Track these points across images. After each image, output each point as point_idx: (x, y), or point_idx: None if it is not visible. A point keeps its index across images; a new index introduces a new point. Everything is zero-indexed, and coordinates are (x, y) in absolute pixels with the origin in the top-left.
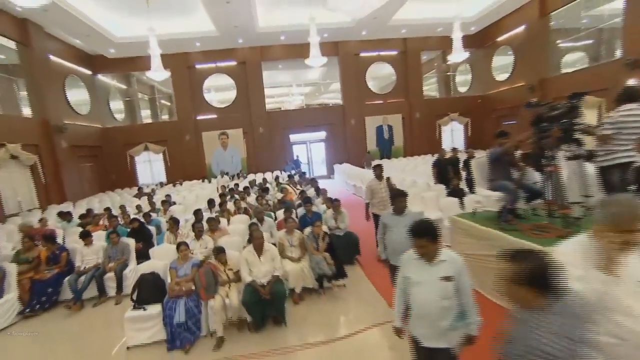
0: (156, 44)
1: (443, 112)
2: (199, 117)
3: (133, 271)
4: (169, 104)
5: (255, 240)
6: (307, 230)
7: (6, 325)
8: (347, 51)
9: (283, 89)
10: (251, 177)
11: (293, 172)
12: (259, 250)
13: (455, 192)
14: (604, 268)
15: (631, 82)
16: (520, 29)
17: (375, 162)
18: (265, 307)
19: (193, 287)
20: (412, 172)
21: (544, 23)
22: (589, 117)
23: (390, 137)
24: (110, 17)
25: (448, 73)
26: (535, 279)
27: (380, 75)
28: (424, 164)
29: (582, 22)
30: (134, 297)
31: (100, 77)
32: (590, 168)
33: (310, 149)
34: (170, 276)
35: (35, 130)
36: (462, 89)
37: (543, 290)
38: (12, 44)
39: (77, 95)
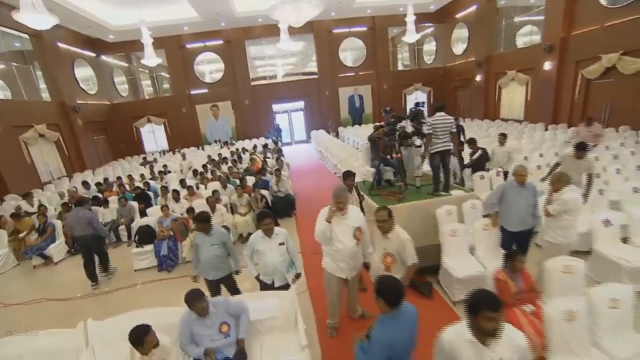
0: (147, 34)
1: (408, 83)
2: (193, 92)
3: (137, 224)
4: (168, 76)
5: (209, 203)
6: (253, 194)
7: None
8: (321, 28)
9: (271, 60)
10: (239, 144)
11: (274, 138)
12: (212, 209)
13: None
14: (328, 219)
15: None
16: (473, 8)
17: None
18: None
19: (172, 233)
20: None
21: (491, 5)
22: (518, 92)
23: (361, 106)
24: (106, 9)
25: (416, 46)
26: None
27: (357, 47)
28: None
29: (531, 2)
30: (136, 240)
31: (104, 57)
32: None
33: (291, 117)
34: (157, 227)
35: (54, 112)
36: (430, 58)
37: None
38: (25, 35)
39: (86, 77)
